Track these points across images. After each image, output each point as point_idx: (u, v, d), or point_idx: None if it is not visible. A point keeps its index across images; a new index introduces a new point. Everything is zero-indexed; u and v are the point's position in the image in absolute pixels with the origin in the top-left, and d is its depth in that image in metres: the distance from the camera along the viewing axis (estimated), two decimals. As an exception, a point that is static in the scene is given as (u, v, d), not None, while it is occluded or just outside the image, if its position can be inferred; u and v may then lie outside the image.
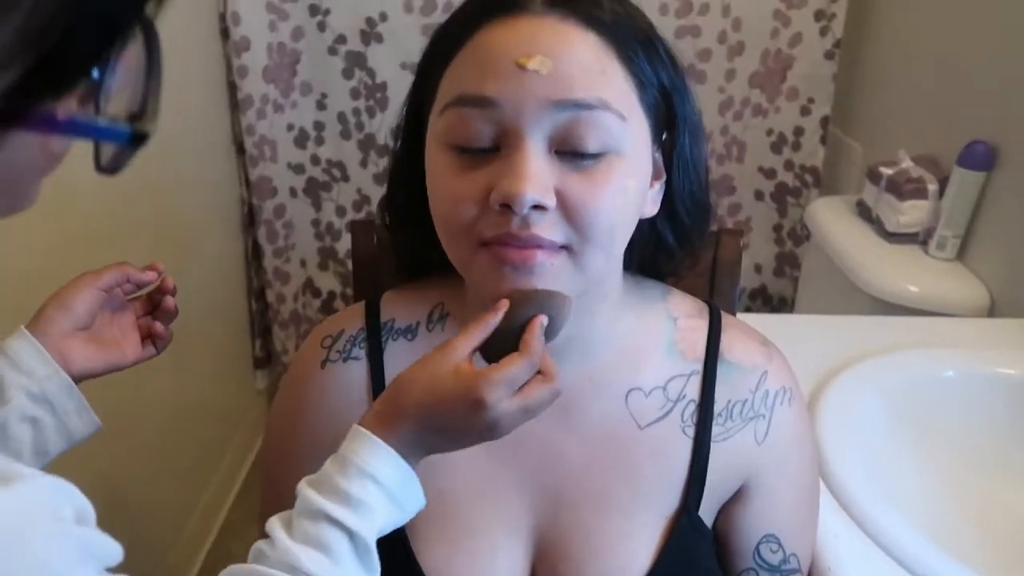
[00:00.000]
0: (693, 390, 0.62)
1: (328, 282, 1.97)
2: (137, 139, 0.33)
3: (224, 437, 1.83)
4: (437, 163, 0.54)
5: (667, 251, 0.62)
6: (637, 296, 0.64)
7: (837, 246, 1.41)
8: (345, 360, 0.65)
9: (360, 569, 0.48)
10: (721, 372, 0.62)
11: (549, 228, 0.51)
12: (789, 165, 1.82)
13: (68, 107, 0.31)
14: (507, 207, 0.50)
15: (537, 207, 0.50)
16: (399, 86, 1.76)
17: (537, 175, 0.49)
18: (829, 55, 1.71)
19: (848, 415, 0.87)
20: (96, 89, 0.32)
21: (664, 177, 0.58)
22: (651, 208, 0.58)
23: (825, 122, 1.76)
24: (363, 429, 0.51)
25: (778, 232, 1.89)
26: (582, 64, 0.50)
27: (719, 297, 0.87)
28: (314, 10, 1.71)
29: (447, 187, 0.53)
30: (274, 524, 0.49)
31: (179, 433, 1.57)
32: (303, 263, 1.95)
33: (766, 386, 0.62)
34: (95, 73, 0.31)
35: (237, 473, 1.87)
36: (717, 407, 0.61)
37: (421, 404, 0.50)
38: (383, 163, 1.84)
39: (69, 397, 0.61)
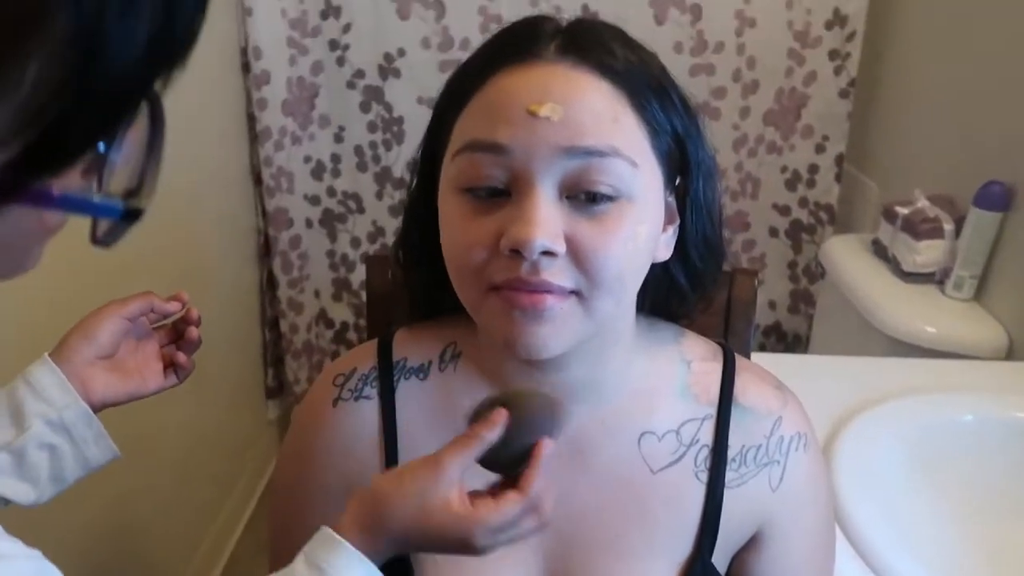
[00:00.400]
0: (707, 434, 0.61)
1: (341, 313, 1.98)
2: (130, 216, 0.33)
3: (235, 466, 1.83)
4: (449, 207, 0.54)
5: (680, 294, 0.62)
6: (650, 338, 0.63)
7: (852, 285, 1.40)
8: (357, 399, 0.65)
9: None
10: (735, 416, 0.61)
11: (559, 274, 0.51)
12: (804, 202, 1.82)
13: (68, 181, 0.31)
14: (517, 252, 0.50)
15: (547, 253, 0.50)
16: (415, 120, 1.79)
17: (547, 221, 0.50)
18: (844, 94, 1.71)
19: (864, 459, 0.85)
20: (101, 163, 0.32)
21: (678, 221, 0.58)
22: (664, 252, 0.58)
23: (840, 160, 1.76)
24: (344, 542, 0.50)
25: (793, 269, 1.88)
26: (594, 111, 0.51)
27: (733, 337, 0.86)
28: (334, 45, 1.74)
29: (458, 231, 0.53)
30: None
31: (191, 461, 1.57)
32: (317, 294, 1.96)
33: (781, 432, 0.62)
34: (101, 147, 0.31)
35: (247, 503, 1.86)
36: (731, 452, 0.61)
37: (408, 530, 0.50)
38: (399, 195, 1.85)
39: (88, 426, 0.62)
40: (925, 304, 1.30)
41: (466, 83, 0.54)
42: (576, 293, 0.52)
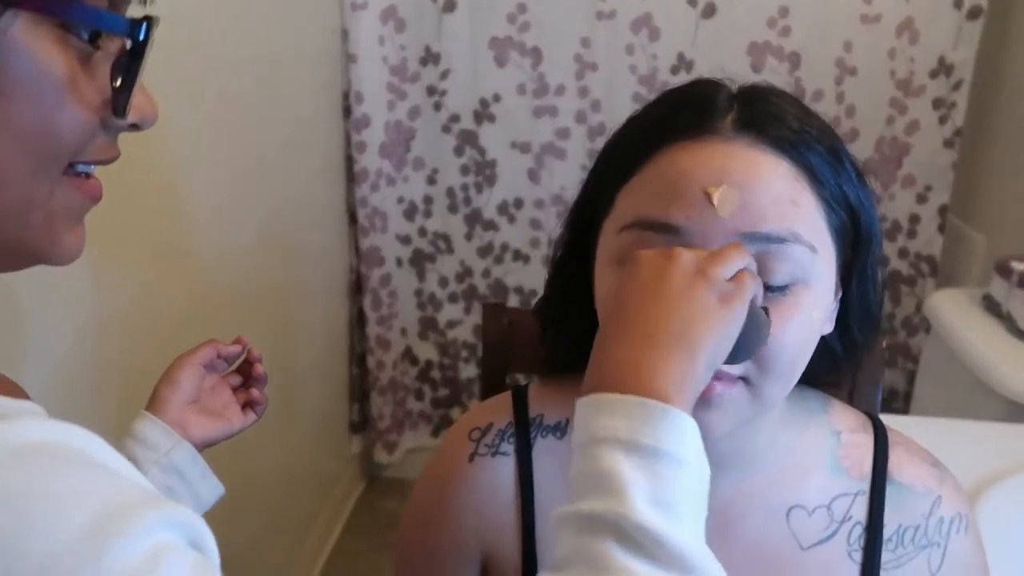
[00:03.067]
0: (860, 511, 0.59)
1: (426, 351, 2.00)
2: (133, 29, 0.37)
3: (318, 500, 1.85)
4: (611, 281, 0.53)
5: (834, 364, 0.60)
6: (798, 408, 0.62)
7: (964, 342, 1.34)
8: (494, 455, 0.64)
9: (648, 567, 0.36)
10: (890, 494, 0.59)
11: None
12: (904, 253, 1.77)
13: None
14: None
15: None
16: (508, 164, 1.81)
17: None
18: (948, 143, 1.67)
19: (1009, 533, 0.81)
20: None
21: (840, 292, 0.56)
22: (829, 326, 0.56)
23: (943, 211, 1.71)
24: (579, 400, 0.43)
25: (891, 321, 1.82)
26: (774, 195, 0.49)
27: (860, 400, 0.83)
28: (431, 91, 1.78)
29: None
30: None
31: (277, 494, 1.59)
32: (403, 331, 1.98)
33: (940, 512, 0.59)
34: None
35: (328, 538, 1.88)
36: (887, 532, 0.58)
37: (607, 318, 0.45)
38: (487, 236, 1.87)
39: (194, 464, 0.66)
40: (1045, 365, 1.24)
41: (632, 153, 0.53)
42: (744, 379, 0.51)
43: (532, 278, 1.89)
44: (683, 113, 0.53)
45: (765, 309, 0.48)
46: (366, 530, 1.94)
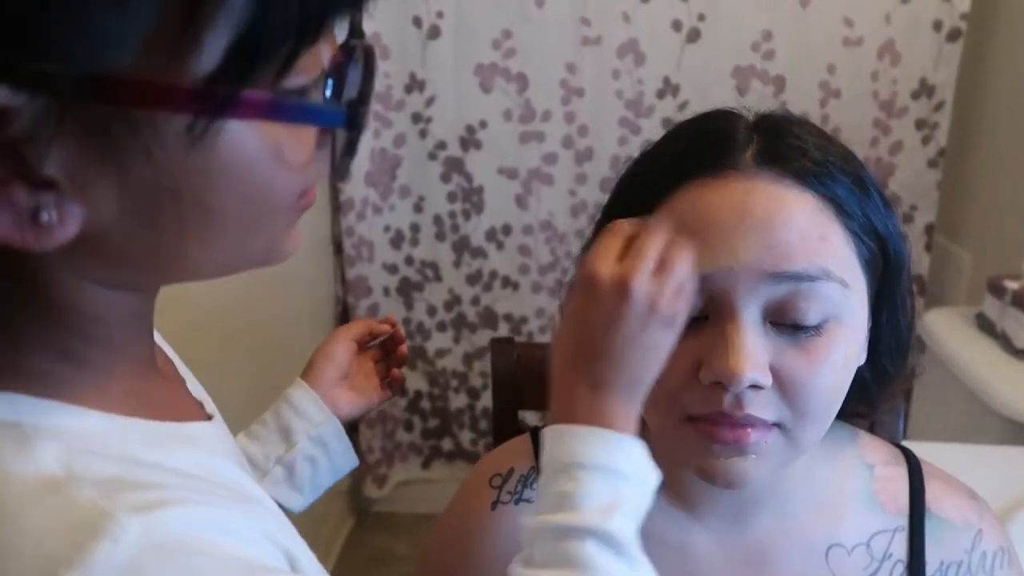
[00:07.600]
0: (900, 548, 0.57)
1: (415, 382, 1.96)
2: (352, 120, 0.35)
3: (305, 536, 1.79)
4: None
5: (864, 393, 0.58)
6: (828, 442, 0.59)
7: (960, 362, 1.35)
8: (517, 502, 0.62)
9: (626, 568, 0.43)
10: (930, 529, 0.57)
11: (763, 407, 0.48)
12: (891, 272, 1.78)
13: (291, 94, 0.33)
14: (719, 384, 0.47)
15: (753, 386, 0.47)
16: (495, 190, 1.80)
17: (753, 353, 0.46)
18: (932, 163, 1.69)
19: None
20: (331, 77, 0.34)
21: (871, 323, 0.55)
22: (862, 358, 0.54)
23: (930, 230, 1.73)
24: (543, 430, 0.47)
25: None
26: (800, 231, 0.47)
27: (882, 431, 0.82)
28: (417, 118, 1.76)
29: None
30: (513, 568, 0.45)
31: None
32: (391, 362, 1.94)
33: (983, 547, 0.57)
34: (326, 62, 0.34)
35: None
36: (929, 569, 0.56)
37: (564, 345, 0.47)
38: (476, 264, 1.85)
39: (339, 439, 0.71)
40: (1043, 383, 1.24)
41: (649, 190, 0.51)
42: (778, 425, 0.49)
43: (521, 305, 1.87)
44: (701, 148, 0.50)
45: None
46: (357, 568, 1.89)
